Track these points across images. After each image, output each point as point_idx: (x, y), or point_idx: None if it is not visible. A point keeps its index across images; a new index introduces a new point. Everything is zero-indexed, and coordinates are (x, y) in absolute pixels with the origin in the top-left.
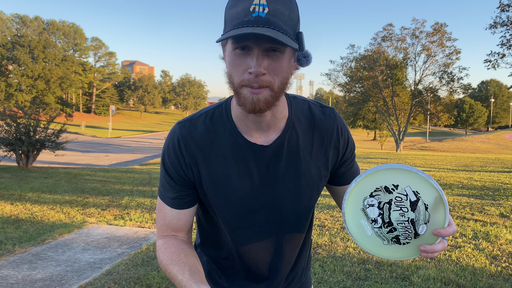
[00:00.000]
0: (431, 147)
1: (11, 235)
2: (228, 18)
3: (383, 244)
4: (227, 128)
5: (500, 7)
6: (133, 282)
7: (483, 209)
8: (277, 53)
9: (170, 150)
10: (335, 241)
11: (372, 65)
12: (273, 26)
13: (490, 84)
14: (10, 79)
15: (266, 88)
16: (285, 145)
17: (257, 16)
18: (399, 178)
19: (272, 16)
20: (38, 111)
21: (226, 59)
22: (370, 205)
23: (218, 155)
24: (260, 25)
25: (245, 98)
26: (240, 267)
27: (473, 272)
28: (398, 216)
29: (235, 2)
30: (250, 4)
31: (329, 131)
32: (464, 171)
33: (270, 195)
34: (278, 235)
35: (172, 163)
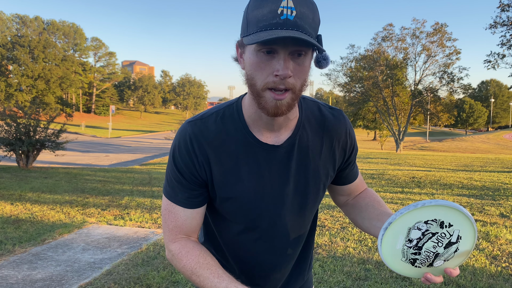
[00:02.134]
0: (431, 147)
1: (11, 235)
2: (253, 19)
3: (400, 260)
4: (239, 128)
5: (500, 7)
6: (133, 282)
7: (483, 209)
8: (301, 56)
9: (181, 149)
10: (335, 241)
11: (372, 65)
12: (301, 29)
13: (490, 84)
14: (10, 79)
15: (289, 91)
16: (296, 145)
17: (286, 19)
18: (458, 221)
19: (300, 19)
20: (38, 111)
21: (246, 61)
22: (418, 229)
23: (230, 154)
24: (290, 28)
25: (267, 102)
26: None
27: (473, 272)
28: (431, 246)
29: (260, 3)
30: (277, 6)
31: (339, 132)
32: (464, 171)
33: (280, 195)
34: (284, 235)
35: (184, 162)
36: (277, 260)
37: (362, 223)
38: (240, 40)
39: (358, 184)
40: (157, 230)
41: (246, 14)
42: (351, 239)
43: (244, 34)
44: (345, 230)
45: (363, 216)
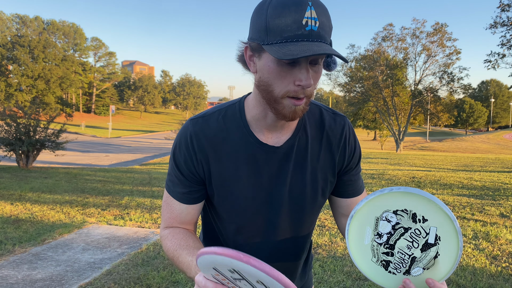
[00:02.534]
0: (431, 147)
1: (11, 235)
2: (275, 28)
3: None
4: (240, 127)
5: (500, 7)
6: (133, 282)
7: (483, 209)
8: (317, 64)
9: (182, 146)
10: (335, 241)
11: (372, 65)
12: (323, 39)
13: (490, 84)
14: (10, 79)
15: (306, 97)
16: (295, 147)
17: (311, 30)
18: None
19: (322, 30)
20: (38, 111)
21: (263, 67)
22: (387, 220)
23: (229, 153)
24: (315, 40)
25: (285, 108)
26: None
27: (473, 272)
28: (404, 246)
29: (282, 11)
30: (301, 16)
31: (337, 138)
32: (464, 171)
33: (277, 196)
34: (281, 236)
35: (183, 159)
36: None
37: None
38: (254, 44)
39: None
40: (157, 230)
41: (265, 20)
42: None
43: (263, 41)
44: None
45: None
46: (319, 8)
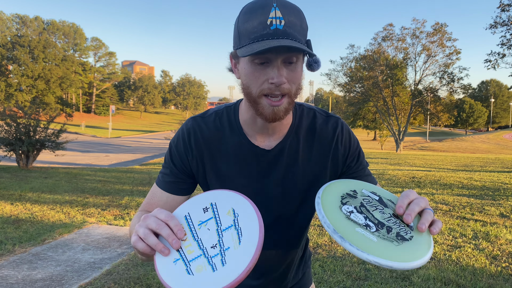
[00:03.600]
0: (431, 147)
1: (11, 235)
2: (244, 32)
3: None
4: (234, 129)
5: (500, 7)
6: (133, 282)
7: (483, 209)
8: (293, 63)
9: (179, 140)
10: (335, 241)
11: (372, 65)
12: (290, 37)
13: (490, 84)
14: (10, 79)
15: (285, 97)
16: (285, 150)
17: (276, 29)
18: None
19: (289, 28)
20: (38, 111)
21: (240, 71)
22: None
23: (222, 153)
24: (280, 37)
25: (264, 108)
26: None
27: (473, 272)
28: (381, 214)
29: (249, 16)
30: (266, 17)
31: (329, 139)
32: (464, 171)
33: (267, 197)
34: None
35: (179, 152)
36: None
37: None
38: (233, 52)
39: None
40: None
41: (237, 27)
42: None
43: (237, 46)
44: None
45: None
46: (285, 8)
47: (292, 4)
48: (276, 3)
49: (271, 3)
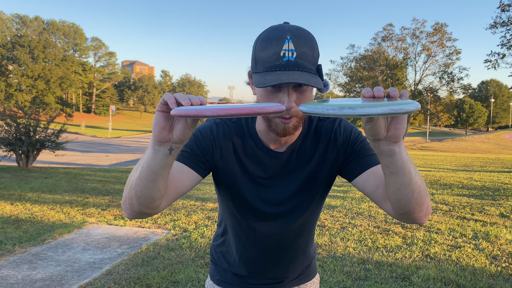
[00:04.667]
0: (431, 147)
1: (11, 235)
2: (259, 60)
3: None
4: (251, 134)
5: (501, 7)
6: (133, 282)
7: (483, 209)
8: (303, 87)
9: (207, 128)
10: (335, 241)
11: (372, 65)
12: (301, 68)
13: (490, 84)
14: (10, 79)
15: (294, 117)
16: (295, 152)
17: (288, 61)
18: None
19: (300, 59)
20: (38, 111)
21: (256, 91)
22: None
23: (242, 151)
24: (291, 69)
25: (277, 125)
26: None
27: (473, 272)
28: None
29: (265, 45)
30: (280, 49)
31: (328, 135)
32: (464, 171)
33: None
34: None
35: (204, 138)
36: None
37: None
38: (250, 71)
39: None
40: (157, 230)
41: (254, 53)
42: (351, 239)
43: (253, 69)
44: (345, 230)
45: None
46: (299, 39)
47: (305, 33)
48: (290, 35)
49: (285, 36)
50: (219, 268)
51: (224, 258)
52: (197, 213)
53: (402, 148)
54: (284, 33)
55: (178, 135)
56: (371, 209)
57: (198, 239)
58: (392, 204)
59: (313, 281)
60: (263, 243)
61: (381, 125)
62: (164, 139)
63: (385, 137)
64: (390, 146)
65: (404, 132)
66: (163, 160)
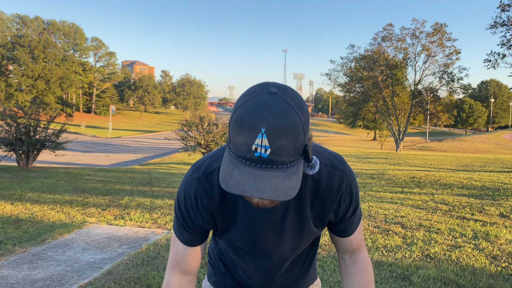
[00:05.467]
0: (431, 147)
1: (11, 235)
2: (232, 140)
3: None
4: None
5: (501, 7)
6: (133, 282)
7: (483, 209)
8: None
9: (187, 203)
10: None
11: (372, 65)
12: (275, 164)
13: (490, 84)
14: (10, 79)
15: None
16: (290, 204)
17: (259, 157)
18: None
19: (275, 155)
20: (38, 111)
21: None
22: None
23: (231, 207)
24: (263, 166)
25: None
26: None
27: (473, 272)
28: None
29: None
30: (252, 141)
31: (333, 195)
32: (464, 171)
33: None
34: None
35: (188, 215)
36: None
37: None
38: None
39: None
40: (157, 230)
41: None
42: None
43: (227, 141)
44: None
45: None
46: (275, 133)
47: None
48: (266, 128)
49: (259, 128)
50: (216, 271)
51: (221, 262)
52: None
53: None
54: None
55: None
56: (370, 209)
57: None
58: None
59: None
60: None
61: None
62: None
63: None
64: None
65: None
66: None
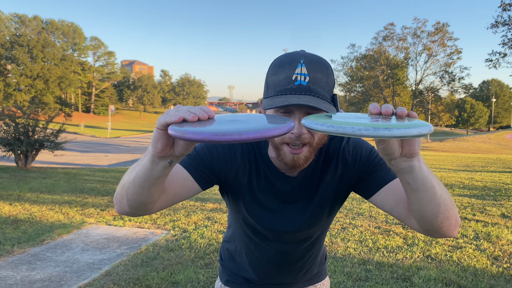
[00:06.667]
0: (432, 147)
1: (10, 236)
2: (271, 84)
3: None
4: (264, 155)
5: (502, 6)
6: (132, 283)
7: (484, 209)
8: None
9: (225, 146)
10: (335, 242)
11: (373, 64)
12: (313, 93)
13: (491, 84)
14: (9, 79)
15: (305, 146)
16: (307, 177)
17: (299, 85)
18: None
19: (312, 84)
20: (37, 111)
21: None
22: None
23: (255, 173)
24: (302, 93)
25: (285, 155)
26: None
27: (474, 273)
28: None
29: (278, 69)
30: (292, 73)
31: (335, 155)
32: (465, 171)
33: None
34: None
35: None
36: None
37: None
38: (260, 98)
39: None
40: (156, 231)
41: (266, 78)
42: (352, 239)
43: (264, 95)
44: (345, 230)
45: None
46: (312, 64)
47: (320, 60)
48: (304, 60)
49: (298, 59)
50: (227, 269)
51: (233, 260)
52: (197, 213)
53: (421, 162)
54: (298, 57)
55: (180, 150)
56: (371, 210)
57: (197, 240)
58: (418, 221)
59: (323, 282)
60: (272, 258)
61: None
62: (165, 155)
63: (400, 154)
64: (408, 162)
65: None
66: (161, 171)
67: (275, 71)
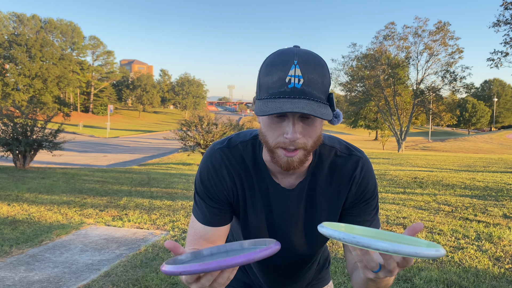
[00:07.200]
0: (433, 147)
1: (8, 236)
2: (263, 85)
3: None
4: (258, 163)
5: (504, 5)
6: (131, 283)
7: (486, 210)
8: (310, 119)
9: (211, 173)
10: (336, 243)
11: (374, 64)
12: (308, 96)
13: (493, 84)
14: (7, 78)
15: (300, 149)
16: (305, 190)
17: (293, 87)
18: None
19: (307, 86)
20: (36, 110)
21: (260, 119)
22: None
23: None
24: (297, 97)
25: (280, 158)
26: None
27: (476, 273)
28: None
29: (270, 70)
30: (285, 74)
31: (346, 180)
32: (466, 172)
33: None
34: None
35: (214, 184)
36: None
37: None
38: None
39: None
40: (155, 231)
41: (258, 77)
42: None
43: (257, 96)
44: None
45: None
46: (307, 65)
47: (315, 59)
48: (298, 60)
49: (292, 60)
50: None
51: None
52: None
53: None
54: (291, 57)
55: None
56: None
57: None
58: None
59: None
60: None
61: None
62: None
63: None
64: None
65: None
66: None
67: (268, 71)
